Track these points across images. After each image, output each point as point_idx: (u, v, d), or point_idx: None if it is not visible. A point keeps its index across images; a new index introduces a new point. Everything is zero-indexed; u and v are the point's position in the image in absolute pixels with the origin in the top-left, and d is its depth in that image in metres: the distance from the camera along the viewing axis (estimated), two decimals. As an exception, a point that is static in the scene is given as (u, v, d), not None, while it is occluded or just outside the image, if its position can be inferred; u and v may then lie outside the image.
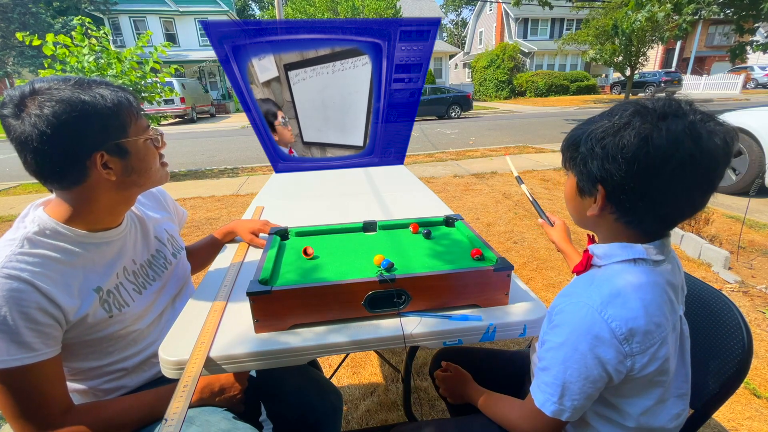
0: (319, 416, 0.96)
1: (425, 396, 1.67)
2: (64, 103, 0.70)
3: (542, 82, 23.47)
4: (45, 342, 0.70)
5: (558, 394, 0.65)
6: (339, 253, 1.00)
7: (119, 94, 0.77)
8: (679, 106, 0.59)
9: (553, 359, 0.65)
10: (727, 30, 11.27)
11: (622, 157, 0.58)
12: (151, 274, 0.96)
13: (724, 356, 0.79)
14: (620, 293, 0.62)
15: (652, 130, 0.57)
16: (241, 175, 6.14)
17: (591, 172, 0.63)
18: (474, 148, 7.88)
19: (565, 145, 0.70)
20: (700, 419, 0.80)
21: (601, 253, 0.69)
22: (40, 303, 0.70)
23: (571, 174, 0.69)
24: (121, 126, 0.76)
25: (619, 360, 0.61)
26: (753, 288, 2.39)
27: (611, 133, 0.60)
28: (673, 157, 0.56)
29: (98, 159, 0.74)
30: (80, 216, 0.80)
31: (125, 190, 0.83)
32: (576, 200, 0.70)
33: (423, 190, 1.80)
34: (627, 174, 0.59)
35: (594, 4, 16.49)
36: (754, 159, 3.87)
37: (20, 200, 5.08)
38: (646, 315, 0.61)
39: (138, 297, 0.90)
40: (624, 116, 0.60)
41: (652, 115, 0.58)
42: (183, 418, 0.62)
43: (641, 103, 0.61)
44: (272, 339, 0.77)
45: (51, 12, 19.92)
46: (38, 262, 0.72)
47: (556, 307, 0.68)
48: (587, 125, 0.65)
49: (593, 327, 0.61)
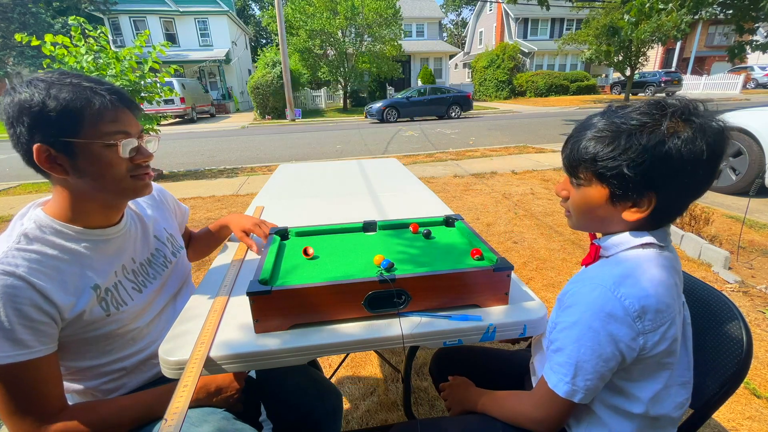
0: (319, 416, 0.96)
1: (425, 396, 1.67)
2: (22, 90, 0.71)
3: (542, 82, 23.47)
4: (39, 339, 0.70)
5: (571, 373, 0.66)
6: (339, 253, 1.00)
7: (92, 91, 0.74)
8: (697, 106, 0.63)
9: (566, 338, 0.67)
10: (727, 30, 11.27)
11: (687, 165, 0.61)
12: (151, 273, 0.96)
13: (724, 356, 0.79)
14: (632, 273, 0.65)
15: (702, 134, 0.60)
16: (240, 175, 6.14)
17: (642, 182, 0.63)
18: (474, 148, 7.88)
19: (583, 160, 0.68)
20: (700, 419, 0.80)
21: (610, 244, 0.72)
22: (34, 300, 0.70)
23: (598, 186, 0.68)
24: (72, 125, 0.72)
25: (631, 337, 0.63)
26: (753, 288, 2.39)
27: (660, 143, 0.60)
28: (720, 153, 0.61)
29: (39, 150, 0.71)
30: (74, 214, 0.80)
31: (97, 193, 0.80)
32: (603, 209, 0.70)
33: (423, 190, 1.80)
34: (690, 178, 0.62)
35: (594, 4, 16.51)
36: (754, 159, 3.87)
37: (20, 200, 5.08)
38: (657, 294, 0.63)
39: (137, 296, 0.90)
40: (666, 125, 0.61)
41: (689, 120, 0.61)
42: (183, 418, 0.62)
43: (662, 107, 0.63)
44: (272, 339, 0.77)
45: (51, 12, 19.90)
46: (34, 258, 0.72)
47: (567, 292, 0.71)
48: (609, 142, 0.64)
49: (606, 305, 0.63)
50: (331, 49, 18.67)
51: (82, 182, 0.77)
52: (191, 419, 0.78)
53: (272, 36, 27.16)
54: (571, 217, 0.77)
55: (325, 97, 21.82)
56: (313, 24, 17.25)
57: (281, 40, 14.80)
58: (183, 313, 0.87)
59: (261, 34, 43.32)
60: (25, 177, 6.33)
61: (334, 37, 17.98)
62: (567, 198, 0.76)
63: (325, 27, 17.26)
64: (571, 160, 0.71)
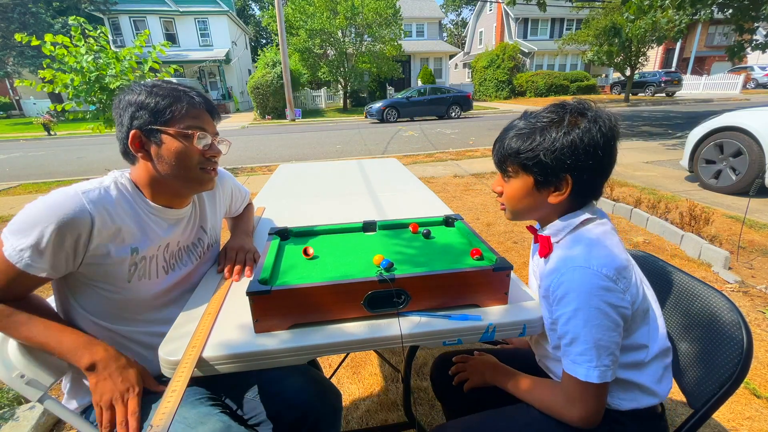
0: (319, 416, 0.96)
1: (425, 396, 1.67)
2: (134, 88, 0.89)
3: (542, 82, 23.47)
4: (53, 265, 0.78)
5: (596, 357, 0.70)
6: (339, 253, 1.00)
7: (184, 93, 0.90)
8: (589, 103, 0.78)
9: (575, 327, 0.71)
10: (727, 30, 11.28)
11: (589, 148, 0.73)
12: (185, 259, 1.02)
13: (724, 356, 0.79)
14: (592, 245, 0.74)
15: (594, 124, 0.74)
16: (241, 175, 6.14)
17: (557, 167, 0.75)
18: (474, 148, 7.88)
19: (509, 155, 0.80)
20: (700, 419, 0.80)
21: (553, 231, 0.82)
22: (81, 235, 0.79)
23: (523, 176, 0.80)
24: (161, 117, 0.86)
25: (621, 298, 0.71)
26: (753, 288, 2.39)
27: (566, 133, 0.74)
28: (613, 139, 0.75)
29: (133, 136, 0.86)
30: (148, 188, 0.92)
31: (170, 180, 0.91)
32: (531, 196, 0.81)
33: (423, 190, 1.80)
34: (593, 159, 0.74)
35: (594, 4, 16.51)
36: (754, 159, 3.87)
37: (20, 200, 5.08)
38: (618, 254, 0.73)
39: (164, 275, 0.95)
40: (567, 119, 0.75)
41: (583, 113, 0.75)
42: (169, 423, 0.62)
43: (563, 106, 0.77)
44: (272, 339, 0.77)
45: (51, 12, 19.91)
46: (111, 201, 0.85)
47: (549, 286, 0.77)
48: (526, 137, 0.77)
49: (593, 281, 0.70)
50: (331, 49, 18.67)
51: (161, 168, 0.89)
52: (188, 420, 0.78)
53: (272, 36, 27.13)
54: (507, 210, 0.88)
55: (325, 97, 21.82)
56: (313, 24, 17.25)
57: (281, 40, 14.80)
58: (184, 314, 0.87)
59: (261, 34, 43.32)
60: (25, 177, 6.33)
61: (334, 37, 17.98)
62: (501, 193, 0.86)
63: (325, 27, 17.26)
64: (500, 157, 0.83)
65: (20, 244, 0.75)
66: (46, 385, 0.85)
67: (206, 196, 1.12)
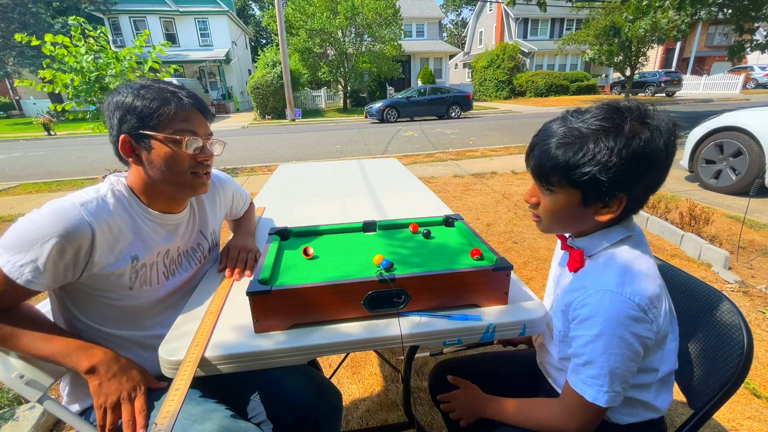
0: (318, 416, 0.96)
1: (425, 396, 1.67)
2: (121, 90, 0.86)
3: (542, 82, 23.47)
4: (52, 278, 0.77)
5: (608, 383, 0.68)
6: (339, 253, 1.00)
7: (172, 94, 0.86)
8: (649, 108, 0.67)
9: (594, 351, 0.68)
10: (727, 30, 11.28)
11: (650, 162, 0.65)
12: (184, 264, 1.02)
13: (724, 356, 0.79)
14: (627, 270, 0.69)
15: (657, 132, 0.64)
16: (241, 175, 6.14)
17: (614, 184, 0.66)
18: (474, 148, 7.88)
19: (555, 168, 0.69)
20: (700, 419, 0.79)
21: (588, 245, 0.76)
22: (81, 248, 0.78)
23: (570, 190, 0.70)
24: (150, 120, 0.84)
25: (648, 329, 0.67)
26: (753, 288, 2.39)
27: (627, 145, 0.63)
28: (674, 149, 0.67)
29: (123, 140, 0.85)
30: (145, 196, 0.91)
31: (162, 185, 0.90)
32: (575, 211, 0.72)
33: (423, 190, 1.80)
34: (653, 174, 0.67)
35: (594, 4, 16.51)
36: (754, 159, 3.87)
37: (20, 200, 5.08)
38: (652, 279, 0.68)
39: (164, 281, 0.95)
40: (628, 127, 0.64)
41: (644, 120, 0.65)
42: (173, 422, 0.62)
43: (617, 110, 0.66)
44: (272, 339, 0.77)
45: (51, 12, 19.90)
46: (109, 211, 0.83)
47: (571, 303, 0.72)
48: (577, 147, 0.66)
49: (622, 309, 0.65)
50: (331, 48, 18.67)
51: (152, 173, 0.88)
52: (193, 417, 0.78)
53: (272, 36, 27.15)
54: (542, 222, 0.79)
55: (325, 97, 21.82)
56: (313, 24, 17.24)
57: (281, 40, 14.80)
58: (183, 315, 0.87)
59: (261, 34, 43.31)
60: (25, 177, 6.33)
61: (334, 37, 17.98)
62: (537, 204, 0.78)
63: (325, 27, 17.25)
64: (541, 168, 0.72)
65: (19, 259, 0.73)
66: (45, 385, 0.85)
67: (206, 201, 1.11)
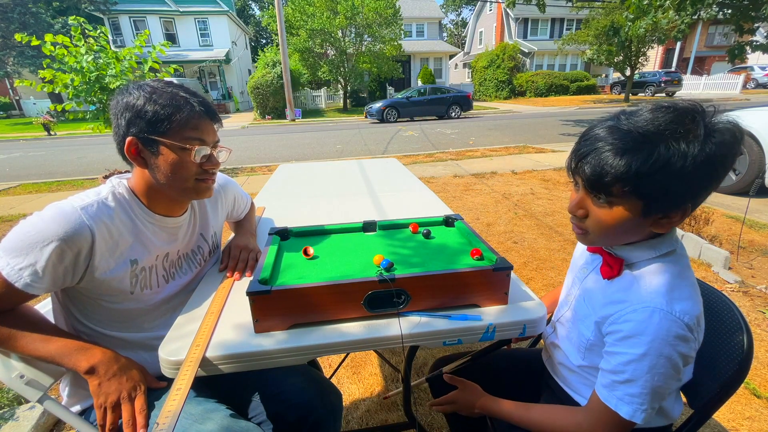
0: (319, 416, 0.96)
1: (425, 396, 1.67)
2: (132, 91, 0.85)
3: (542, 82, 23.47)
4: (51, 281, 0.77)
5: (648, 401, 0.66)
6: (339, 253, 1.00)
7: (185, 101, 0.85)
8: (713, 108, 0.62)
9: (637, 371, 0.65)
10: (727, 30, 11.28)
11: (723, 168, 0.60)
12: (184, 267, 1.02)
13: (724, 356, 0.79)
14: (674, 287, 0.66)
15: (730, 135, 0.60)
16: (241, 175, 6.14)
17: (684, 193, 0.61)
18: (474, 148, 7.88)
19: (619, 177, 0.61)
20: (700, 419, 0.80)
21: (632, 255, 0.71)
22: (81, 251, 0.78)
23: (632, 201, 0.63)
24: (160, 125, 0.83)
25: (693, 348, 0.66)
26: (753, 288, 2.39)
27: (701, 150, 0.58)
28: (734, 154, 0.61)
29: (130, 142, 0.84)
30: (146, 198, 0.91)
31: (165, 189, 0.90)
32: (634, 223, 0.66)
33: (423, 190, 1.80)
34: (719, 181, 0.61)
35: (594, 4, 16.52)
36: (754, 159, 3.87)
37: (20, 200, 5.08)
38: (697, 296, 0.67)
39: (164, 284, 0.95)
40: (703, 130, 0.59)
41: (714, 121, 0.60)
42: (175, 422, 0.62)
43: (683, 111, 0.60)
44: (272, 339, 0.77)
45: (51, 12, 19.90)
46: (109, 215, 0.83)
47: (610, 316, 0.69)
48: (646, 153, 0.59)
49: (672, 329, 0.63)
50: (331, 48, 18.67)
51: (157, 177, 0.88)
52: (194, 416, 0.78)
53: (272, 36, 27.12)
54: (589, 235, 0.72)
55: (325, 97, 21.82)
56: (313, 24, 17.24)
57: (281, 40, 14.80)
58: (183, 315, 0.87)
59: (261, 34, 43.31)
60: (25, 177, 6.33)
61: (334, 37, 17.97)
62: (585, 216, 0.70)
63: (325, 27, 17.25)
64: (600, 178, 0.63)
65: (19, 263, 0.73)
66: (45, 385, 0.85)
67: (208, 204, 1.11)
